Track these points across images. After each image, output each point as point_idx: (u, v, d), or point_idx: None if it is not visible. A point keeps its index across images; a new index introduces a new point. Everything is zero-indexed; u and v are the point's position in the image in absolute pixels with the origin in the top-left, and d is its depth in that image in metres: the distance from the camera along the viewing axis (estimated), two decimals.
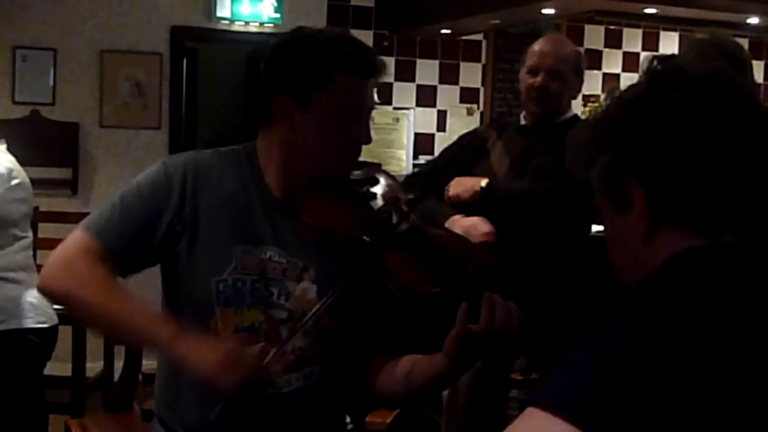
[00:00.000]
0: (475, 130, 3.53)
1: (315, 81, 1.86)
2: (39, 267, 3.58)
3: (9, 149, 3.50)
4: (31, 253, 3.56)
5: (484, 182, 3.08)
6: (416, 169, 3.39)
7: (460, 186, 3.12)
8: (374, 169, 2.10)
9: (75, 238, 1.92)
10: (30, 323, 3.38)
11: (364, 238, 1.85)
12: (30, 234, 3.56)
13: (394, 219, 1.90)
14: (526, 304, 1.71)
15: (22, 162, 3.51)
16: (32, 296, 3.42)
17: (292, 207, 1.91)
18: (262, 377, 1.74)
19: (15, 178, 3.39)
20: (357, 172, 2.02)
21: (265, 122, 1.97)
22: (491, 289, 1.69)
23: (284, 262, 1.92)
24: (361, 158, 2.02)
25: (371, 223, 1.89)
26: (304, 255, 1.92)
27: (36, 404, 3.64)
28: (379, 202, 1.98)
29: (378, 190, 2.01)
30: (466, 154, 3.27)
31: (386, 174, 2.11)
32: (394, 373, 1.92)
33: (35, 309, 3.40)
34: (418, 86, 6.80)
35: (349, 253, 1.84)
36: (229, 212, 1.93)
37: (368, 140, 1.96)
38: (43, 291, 1.97)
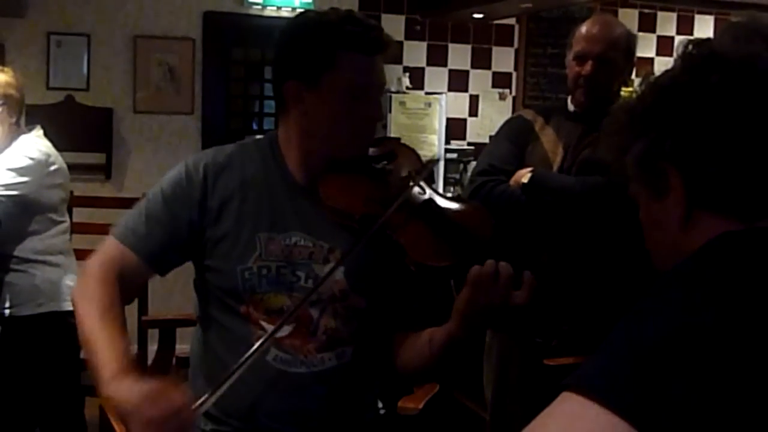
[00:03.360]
0: (519, 114, 3.38)
1: (321, 63, 1.88)
2: (75, 251, 3.64)
3: (44, 135, 3.54)
4: (68, 237, 3.60)
5: (526, 178, 3.00)
6: (477, 167, 3.26)
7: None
8: (392, 144, 2.10)
9: (106, 246, 1.97)
10: (69, 306, 3.41)
11: (381, 213, 1.85)
12: (67, 218, 3.61)
13: (409, 192, 1.90)
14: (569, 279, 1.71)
15: (56, 147, 3.55)
16: (70, 279, 3.46)
17: (315, 191, 1.93)
18: (184, 419, 1.66)
19: (53, 163, 3.43)
20: (375, 149, 2.02)
21: (280, 109, 1.99)
22: (506, 260, 1.69)
23: (310, 246, 1.94)
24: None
25: (387, 198, 1.89)
26: (329, 237, 1.94)
27: (73, 386, 3.68)
28: (396, 176, 1.98)
29: (396, 165, 2.01)
30: (519, 142, 3.15)
31: (404, 147, 2.11)
32: (415, 347, 1.95)
33: None
34: (450, 71, 6.77)
35: (368, 230, 1.84)
36: (253, 201, 1.95)
37: (380, 117, 1.98)
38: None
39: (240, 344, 1.91)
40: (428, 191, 1.95)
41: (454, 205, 1.98)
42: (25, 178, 3.32)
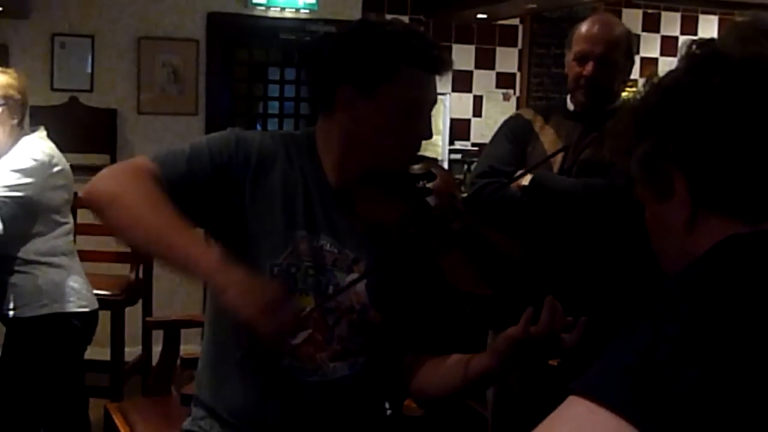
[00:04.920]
0: (518, 114, 3.37)
1: (381, 73, 1.85)
2: (79, 253, 3.64)
3: (48, 136, 3.54)
4: (72, 238, 3.60)
5: (527, 179, 2.97)
6: (477, 168, 3.23)
7: None
8: (432, 164, 2.08)
9: (135, 159, 1.90)
10: (72, 307, 3.43)
11: (420, 234, 1.84)
12: (71, 220, 3.61)
13: (451, 217, 1.89)
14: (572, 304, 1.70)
15: (60, 148, 3.56)
16: (74, 281, 3.47)
17: (347, 197, 1.91)
18: (297, 329, 1.69)
19: (56, 165, 3.43)
20: (415, 167, 2.01)
21: (326, 110, 1.95)
22: (542, 292, 1.68)
23: (336, 252, 1.91)
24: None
25: (428, 219, 1.88)
26: (356, 247, 1.91)
27: (77, 387, 3.69)
28: (436, 198, 1.97)
29: (434, 185, 1.99)
30: (518, 142, 3.14)
31: (443, 169, 2.10)
32: (434, 372, 1.92)
33: (77, 294, 3.46)
34: (454, 71, 6.71)
35: (403, 248, 1.83)
36: (289, 197, 1.91)
37: (430, 135, 1.94)
38: (87, 197, 1.83)
39: (252, 348, 1.89)
40: (467, 216, 1.94)
41: (495, 234, 1.98)
42: (28, 180, 3.32)
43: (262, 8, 6.02)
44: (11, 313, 3.40)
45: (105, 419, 3.43)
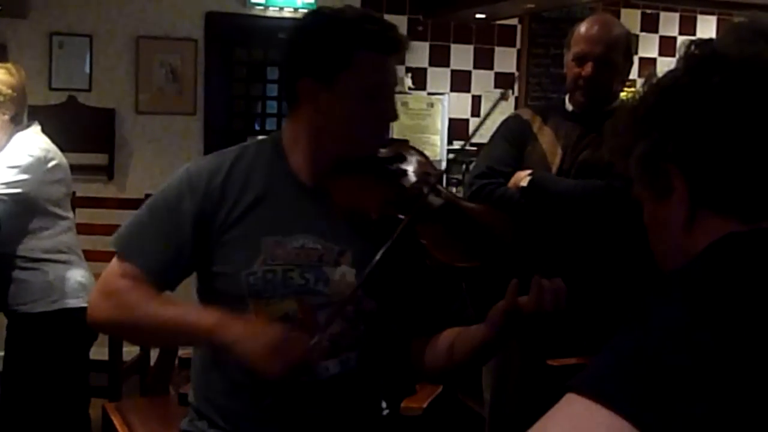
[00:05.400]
0: (517, 114, 3.36)
1: (338, 61, 1.86)
2: None
3: (47, 135, 3.53)
4: (75, 233, 3.59)
5: (525, 181, 2.98)
6: (476, 169, 3.23)
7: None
8: (402, 146, 2.09)
9: (113, 267, 1.94)
10: (81, 303, 3.42)
11: (399, 216, 1.84)
12: (71, 214, 3.61)
13: (427, 195, 1.89)
14: (569, 281, 1.71)
15: (59, 148, 3.54)
16: (82, 276, 3.47)
17: (323, 192, 1.91)
18: (308, 364, 1.74)
19: (52, 159, 3.42)
20: (384, 150, 2.01)
21: (291, 106, 1.96)
22: (528, 262, 1.70)
23: (319, 248, 1.91)
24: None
25: (405, 200, 1.88)
26: (339, 239, 1.91)
27: (81, 384, 3.68)
28: (410, 178, 1.97)
29: (407, 166, 2.00)
30: (517, 142, 3.13)
31: (414, 150, 2.10)
32: (436, 348, 1.93)
33: (85, 289, 3.45)
34: (453, 71, 6.77)
35: (384, 232, 1.84)
36: (257, 205, 1.92)
37: (395, 117, 1.96)
38: (93, 325, 1.98)
39: None
40: (444, 192, 1.95)
41: (472, 206, 1.98)
42: (25, 176, 3.31)
43: (261, 8, 6.02)
44: (23, 308, 3.40)
45: (103, 419, 3.43)
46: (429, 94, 6.61)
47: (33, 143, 3.40)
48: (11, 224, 3.32)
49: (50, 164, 3.41)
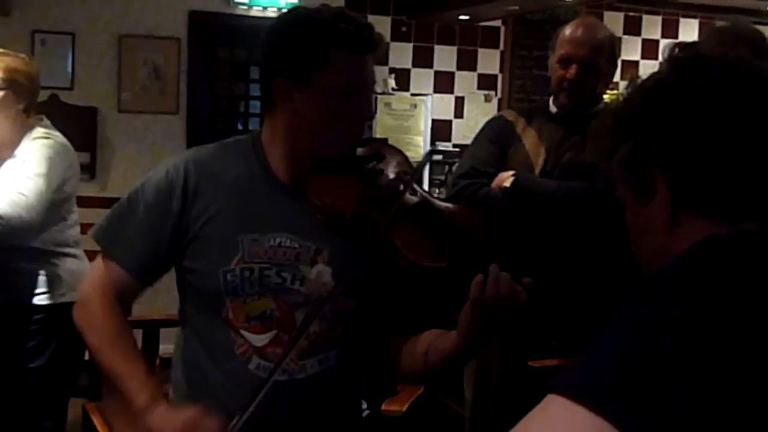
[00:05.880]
0: (501, 115, 3.37)
1: (312, 60, 1.85)
2: None
3: None
4: (79, 228, 3.57)
5: (509, 182, 2.99)
6: (459, 169, 3.24)
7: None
8: (379, 145, 2.09)
9: (98, 269, 2.00)
10: None
11: (373, 215, 1.84)
12: (77, 209, 3.59)
13: (403, 193, 1.89)
14: (537, 279, 1.70)
15: None
16: (87, 270, 3.44)
17: (300, 191, 1.91)
18: None
19: (70, 152, 3.42)
20: (362, 149, 2.01)
21: (267, 106, 1.96)
22: (500, 262, 1.69)
23: (296, 247, 1.91)
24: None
25: (379, 199, 1.88)
26: (316, 238, 1.91)
27: (71, 380, 3.65)
28: (386, 177, 1.97)
29: (384, 165, 2.00)
30: (500, 143, 3.14)
31: (392, 148, 2.09)
32: (414, 351, 1.92)
33: None
34: (436, 72, 6.78)
35: (359, 231, 1.83)
36: (235, 202, 1.92)
37: (371, 115, 1.96)
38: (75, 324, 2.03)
39: (221, 351, 1.91)
40: (419, 192, 1.95)
41: (447, 206, 1.98)
42: (54, 180, 3.28)
43: (245, 7, 6.01)
44: (34, 299, 3.37)
45: (83, 419, 3.42)
46: (412, 95, 6.61)
47: (55, 140, 3.37)
48: (38, 225, 3.28)
49: (70, 160, 3.40)
